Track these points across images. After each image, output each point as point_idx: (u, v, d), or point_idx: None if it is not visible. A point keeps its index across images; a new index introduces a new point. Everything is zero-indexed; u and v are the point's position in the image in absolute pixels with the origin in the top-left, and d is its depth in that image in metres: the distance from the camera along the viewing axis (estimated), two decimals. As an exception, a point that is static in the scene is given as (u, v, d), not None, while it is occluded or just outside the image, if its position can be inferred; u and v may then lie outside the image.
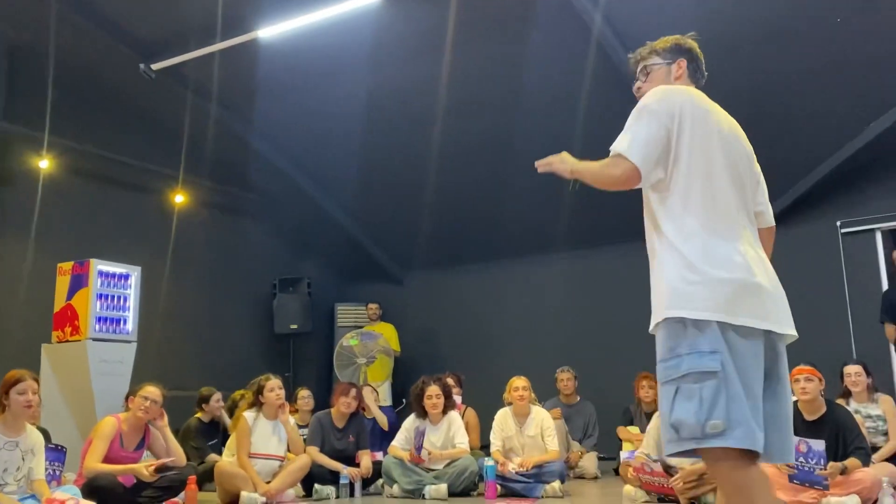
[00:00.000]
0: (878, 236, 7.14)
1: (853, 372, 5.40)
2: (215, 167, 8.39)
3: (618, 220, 8.12)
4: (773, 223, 2.51)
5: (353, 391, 5.93)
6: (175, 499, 4.77)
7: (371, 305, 9.11)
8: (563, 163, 2.41)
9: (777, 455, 2.09)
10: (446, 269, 9.44)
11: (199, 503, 4.75)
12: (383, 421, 6.55)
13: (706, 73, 2.54)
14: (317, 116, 7.65)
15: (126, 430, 4.77)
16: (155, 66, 6.94)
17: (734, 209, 2.24)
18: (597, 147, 7.52)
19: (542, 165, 2.48)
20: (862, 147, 6.69)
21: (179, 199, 8.13)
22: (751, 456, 1.97)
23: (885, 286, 7.07)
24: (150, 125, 7.82)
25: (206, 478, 5.64)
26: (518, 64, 6.64)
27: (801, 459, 4.36)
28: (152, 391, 4.84)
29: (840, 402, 5.41)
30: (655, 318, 2.21)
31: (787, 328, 2.19)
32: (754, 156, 2.46)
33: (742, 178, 2.31)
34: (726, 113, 2.45)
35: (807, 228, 7.45)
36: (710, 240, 2.15)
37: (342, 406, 5.85)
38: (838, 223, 7.27)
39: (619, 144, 2.23)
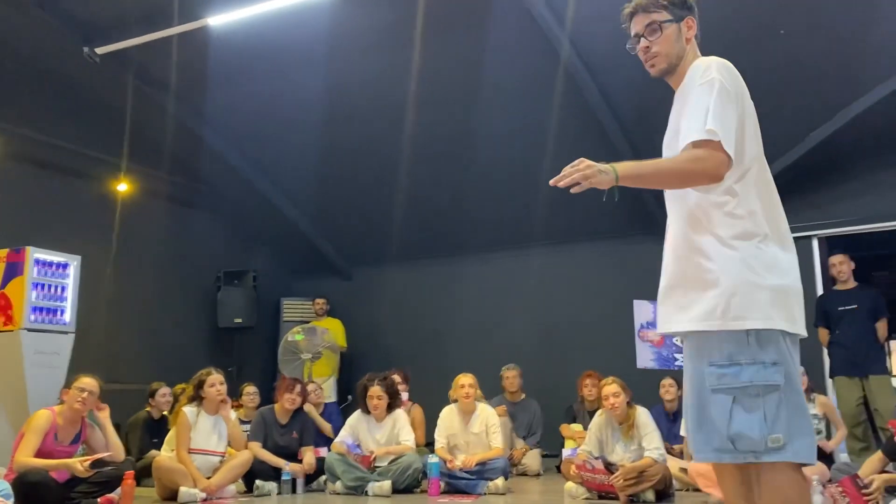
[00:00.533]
0: (815, 243, 7.37)
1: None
2: (161, 156, 8.20)
3: (566, 220, 8.25)
4: None
5: (298, 387, 5.87)
6: (111, 494, 4.66)
7: (318, 301, 9.03)
8: (602, 173, 2.02)
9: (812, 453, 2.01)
10: (395, 266, 9.41)
11: (136, 499, 4.63)
12: (327, 429, 6.44)
13: None
14: (269, 108, 7.54)
15: (61, 423, 4.62)
16: (100, 51, 6.73)
17: (777, 199, 2.12)
18: (553, 143, 7.56)
19: (570, 181, 2.05)
20: (801, 156, 6.89)
21: (123, 187, 7.92)
22: (802, 467, 1.95)
23: (820, 291, 7.30)
24: (94, 111, 7.58)
25: (144, 473, 5.53)
26: (477, 61, 6.65)
27: None
28: (89, 382, 4.71)
29: None
30: (703, 326, 2.01)
31: (803, 326, 2.08)
32: None
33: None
34: None
35: (747, 233, 7.64)
36: (771, 244, 2.02)
37: (286, 402, 5.79)
38: (777, 229, 7.46)
39: (708, 128, 1.95)
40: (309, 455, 5.64)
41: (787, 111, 6.60)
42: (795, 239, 7.07)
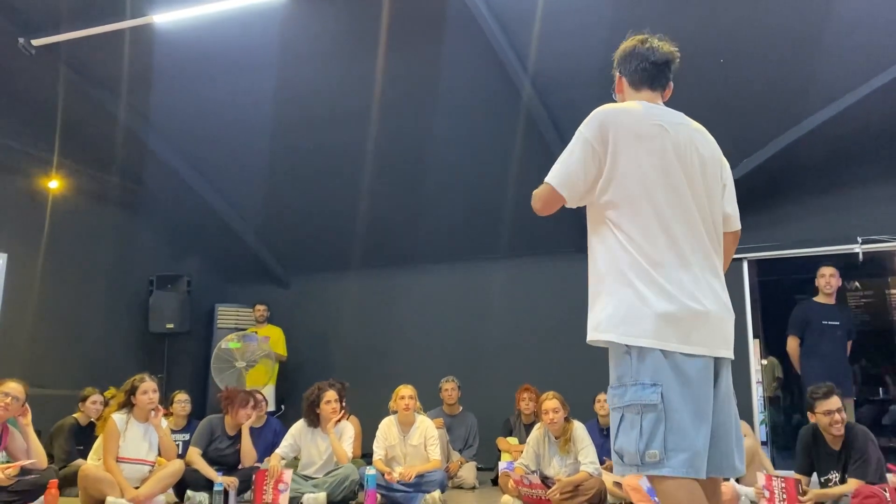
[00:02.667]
0: (745, 265, 7.64)
1: None
2: (96, 154, 7.95)
3: (508, 235, 8.34)
4: (739, 227, 2.60)
5: (252, 401, 5.75)
6: (34, 503, 4.47)
7: (258, 307, 8.85)
8: None
9: (714, 468, 2.13)
10: (335, 275, 9.32)
11: (59, 509, 4.45)
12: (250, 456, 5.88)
13: (669, 73, 2.50)
14: (214, 111, 7.38)
15: (-23, 428, 4.41)
16: (35, 42, 6.48)
17: (686, 230, 2.22)
18: (502, 159, 7.61)
19: None
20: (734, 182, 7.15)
21: (54, 184, 7.63)
22: (694, 480, 2.04)
23: (749, 311, 7.57)
24: (26, 104, 7.29)
25: (68, 482, 5.32)
26: (430, 74, 6.66)
27: None
28: (14, 387, 4.53)
29: None
30: (598, 336, 2.21)
31: (723, 352, 2.22)
32: (723, 159, 2.52)
33: (700, 190, 2.29)
34: (688, 120, 2.44)
35: (682, 254, 7.87)
36: (657, 267, 2.15)
37: (241, 418, 5.65)
38: (710, 251, 7.71)
39: (550, 172, 2.33)
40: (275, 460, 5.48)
41: (721, 138, 6.83)
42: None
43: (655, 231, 2.19)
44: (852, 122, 6.44)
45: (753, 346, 7.63)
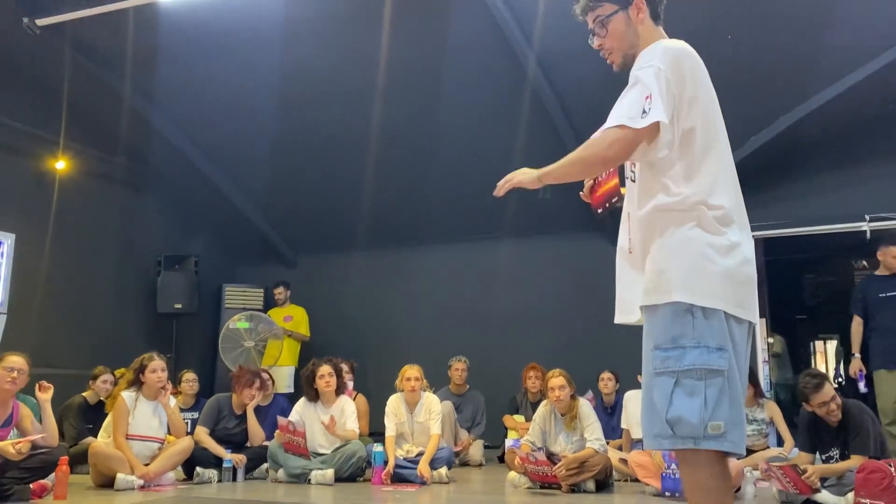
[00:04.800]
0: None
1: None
2: (101, 135, 7.95)
3: (516, 213, 8.32)
4: None
5: (258, 382, 5.80)
6: (44, 480, 4.51)
7: (277, 289, 8.84)
8: (524, 174, 2.22)
9: (743, 444, 1.96)
10: (341, 254, 9.34)
11: (69, 486, 4.49)
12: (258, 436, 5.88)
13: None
14: (219, 91, 7.37)
15: (-13, 406, 4.44)
16: (40, 22, 6.46)
17: (736, 183, 2.09)
18: (509, 137, 7.58)
19: (502, 188, 2.28)
20: (741, 160, 7.09)
21: (61, 165, 7.63)
22: (726, 457, 1.93)
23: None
24: (31, 85, 7.28)
25: (78, 459, 5.38)
26: (436, 53, 6.63)
27: (674, 465, 4.59)
28: (17, 361, 4.51)
29: None
30: (654, 300, 1.99)
31: (756, 314, 2.06)
32: None
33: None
34: None
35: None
36: (729, 226, 1.99)
37: (245, 398, 5.71)
38: (717, 230, 7.69)
39: (628, 118, 1.98)
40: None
41: (729, 116, 6.79)
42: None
43: (724, 185, 2.02)
44: (859, 98, 6.39)
45: (760, 325, 7.62)
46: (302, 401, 5.75)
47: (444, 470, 5.36)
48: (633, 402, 6.11)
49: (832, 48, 6.07)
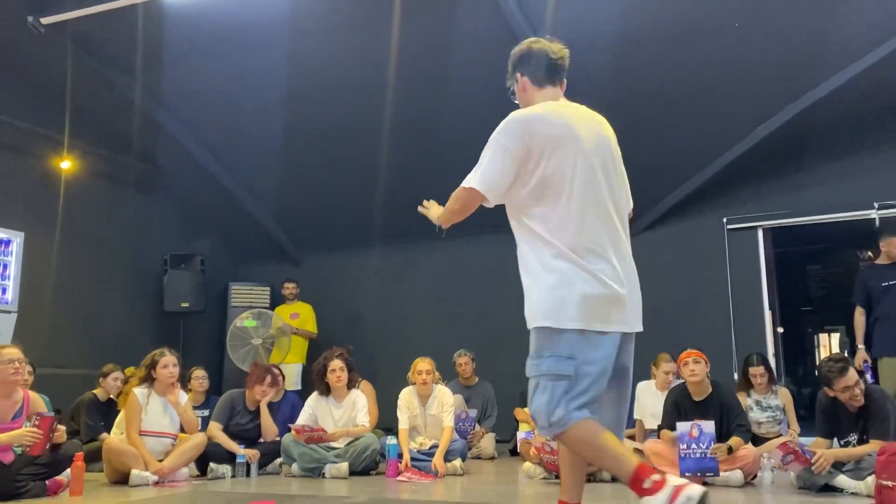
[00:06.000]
0: (760, 233, 7.60)
1: (757, 373, 5.70)
2: (106, 134, 7.94)
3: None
4: (632, 205, 2.82)
5: (269, 378, 5.79)
6: (59, 477, 4.49)
7: (287, 284, 8.82)
8: (435, 211, 2.82)
9: (611, 428, 2.43)
10: (347, 251, 9.32)
11: (85, 482, 4.47)
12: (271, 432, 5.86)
13: (566, 67, 2.71)
14: (224, 89, 7.36)
15: (-5, 400, 4.40)
16: (45, 20, 6.46)
17: (602, 220, 2.48)
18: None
19: (422, 210, 2.91)
20: (749, 149, 7.10)
21: (66, 165, 7.62)
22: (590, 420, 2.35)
23: (764, 279, 7.54)
24: (36, 84, 7.27)
25: (91, 457, 5.35)
26: (444, 46, 6.61)
27: (693, 445, 4.58)
28: (13, 352, 4.41)
29: (741, 393, 5.78)
30: (530, 323, 2.47)
31: (637, 327, 2.54)
32: (619, 151, 2.69)
33: (612, 181, 2.56)
34: (591, 113, 2.66)
35: (695, 224, 7.85)
36: (576, 259, 2.41)
37: (257, 394, 5.70)
38: (724, 220, 7.69)
39: (470, 178, 2.54)
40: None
41: (735, 105, 6.79)
42: (741, 230, 7.27)
43: (575, 223, 2.43)
44: (868, 85, 6.38)
45: (768, 316, 7.59)
46: (314, 395, 5.73)
47: (458, 462, 5.35)
48: (645, 393, 6.10)
49: (839, 36, 6.06)
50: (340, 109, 7.37)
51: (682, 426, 4.66)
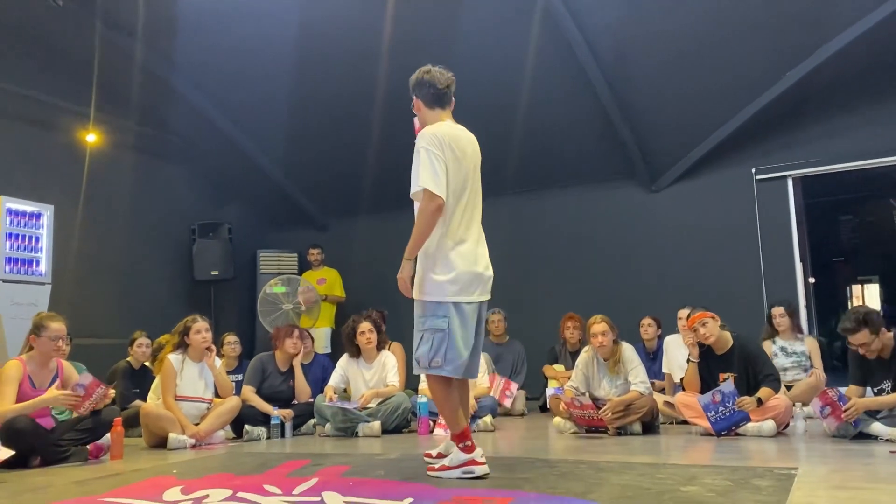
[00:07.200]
0: (790, 183, 7.47)
1: (777, 313, 5.78)
2: (130, 106, 7.96)
3: (544, 166, 8.25)
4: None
5: (297, 332, 5.87)
6: (100, 441, 4.60)
7: (312, 251, 8.90)
8: (402, 271, 3.34)
9: (473, 372, 3.36)
10: (371, 215, 9.33)
11: (124, 447, 4.59)
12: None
13: (451, 93, 3.46)
14: (240, 55, 7.31)
15: (33, 369, 4.47)
16: (65, -6, 6.47)
17: (470, 214, 3.33)
18: (532, 89, 7.41)
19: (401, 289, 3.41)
20: (776, 97, 6.94)
21: (91, 138, 7.69)
22: (451, 378, 3.26)
23: (794, 230, 7.43)
24: (58, 58, 7.31)
25: (128, 423, 5.47)
26: (454, 3, 6.52)
27: (721, 409, 4.57)
28: (60, 328, 4.54)
29: (767, 340, 5.75)
30: (417, 296, 3.32)
31: (487, 296, 3.39)
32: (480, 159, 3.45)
33: (477, 185, 3.40)
34: (466, 132, 3.42)
35: (724, 175, 7.73)
36: (454, 245, 3.25)
37: (289, 347, 5.76)
38: (753, 170, 7.56)
39: (426, 182, 3.17)
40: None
41: (763, 51, 6.62)
42: (770, 180, 7.14)
43: (457, 219, 3.27)
44: (900, 26, 6.18)
45: (799, 268, 7.48)
46: (344, 357, 5.80)
47: (488, 418, 5.39)
48: (673, 346, 6.08)
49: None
50: (357, 73, 7.30)
51: (704, 398, 4.65)
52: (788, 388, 5.56)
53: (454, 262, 3.22)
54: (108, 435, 4.55)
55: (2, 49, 6.90)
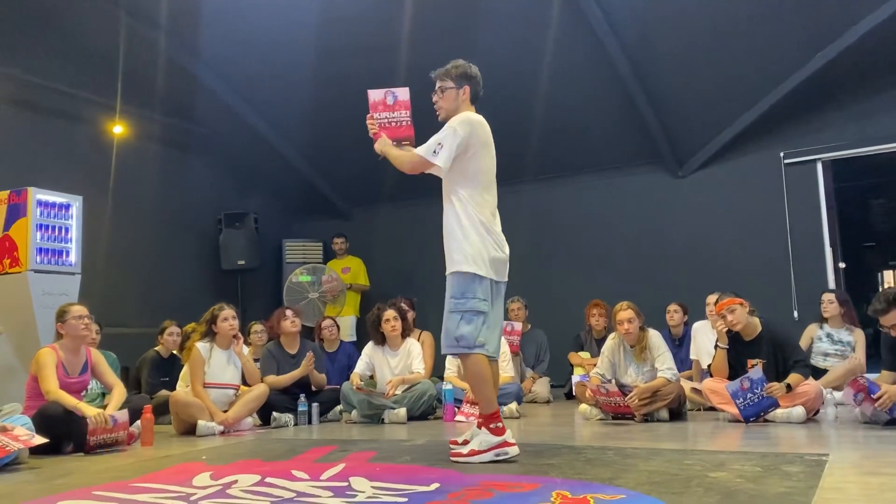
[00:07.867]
0: (819, 166, 7.35)
1: (826, 299, 5.78)
2: (156, 98, 8.02)
3: (567, 151, 8.19)
4: None
5: (288, 311, 5.92)
6: (131, 429, 4.67)
7: (336, 240, 8.93)
8: (381, 144, 3.64)
9: (496, 351, 3.51)
10: (394, 203, 9.35)
11: (154, 434, 4.66)
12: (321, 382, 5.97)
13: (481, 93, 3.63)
14: (264, 46, 7.33)
15: (64, 356, 4.55)
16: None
17: (495, 203, 3.54)
18: (554, 71, 7.34)
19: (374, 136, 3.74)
20: (806, 78, 6.82)
21: (118, 129, 7.78)
22: (487, 357, 3.40)
23: (824, 214, 7.32)
24: (84, 51, 7.38)
25: (157, 411, 5.53)
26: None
27: (749, 396, 4.52)
28: (81, 308, 4.63)
29: (814, 324, 5.73)
30: (453, 268, 3.41)
31: (506, 278, 3.60)
32: None
33: (495, 173, 3.57)
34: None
35: (752, 159, 7.63)
36: (487, 227, 3.43)
37: (289, 327, 5.80)
38: (781, 154, 7.45)
39: (429, 152, 3.39)
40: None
41: (792, 31, 6.50)
42: (799, 164, 7.06)
43: (487, 203, 3.47)
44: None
45: (829, 253, 7.37)
46: (370, 345, 5.82)
47: (514, 405, 5.39)
48: (701, 332, 6.02)
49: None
50: (378, 62, 7.28)
51: (732, 385, 4.60)
52: (825, 372, 5.54)
53: (488, 244, 3.40)
54: (138, 422, 4.61)
55: (28, 42, 6.99)
